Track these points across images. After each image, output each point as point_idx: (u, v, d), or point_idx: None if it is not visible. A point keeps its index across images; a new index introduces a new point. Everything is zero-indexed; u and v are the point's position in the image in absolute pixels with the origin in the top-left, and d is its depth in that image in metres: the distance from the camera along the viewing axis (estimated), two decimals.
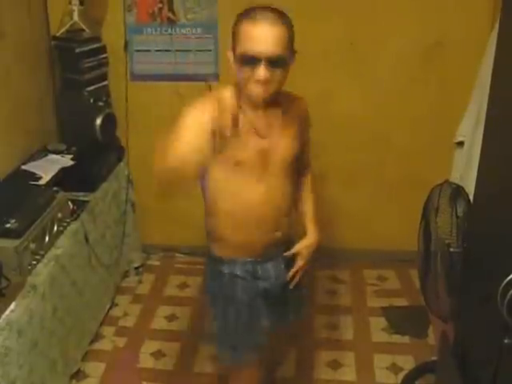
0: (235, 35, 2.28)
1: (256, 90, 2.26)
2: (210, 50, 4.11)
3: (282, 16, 2.25)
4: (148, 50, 4.17)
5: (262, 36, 2.19)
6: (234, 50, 2.30)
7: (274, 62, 2.20)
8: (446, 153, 3.94)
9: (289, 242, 2.68)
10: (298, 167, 2.64)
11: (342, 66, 4.05)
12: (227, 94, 2.27)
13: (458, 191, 2.77)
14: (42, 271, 2.98)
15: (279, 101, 2.43)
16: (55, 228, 3.18)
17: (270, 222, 2.52)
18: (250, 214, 2.48)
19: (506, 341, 1.85)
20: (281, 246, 2.62)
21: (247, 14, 2.25)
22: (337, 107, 4.12)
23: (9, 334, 2.58)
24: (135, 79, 4.22)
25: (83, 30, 3.95)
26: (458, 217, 2.70)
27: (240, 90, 2.34)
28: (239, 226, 2.51)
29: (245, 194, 2.46)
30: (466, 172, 3.54)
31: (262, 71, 2.19)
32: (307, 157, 2.75)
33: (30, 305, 2.78)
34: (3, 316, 2.61)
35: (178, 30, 4.11)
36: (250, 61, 2.20)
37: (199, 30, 4.09)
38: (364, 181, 4.32)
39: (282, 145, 2.45)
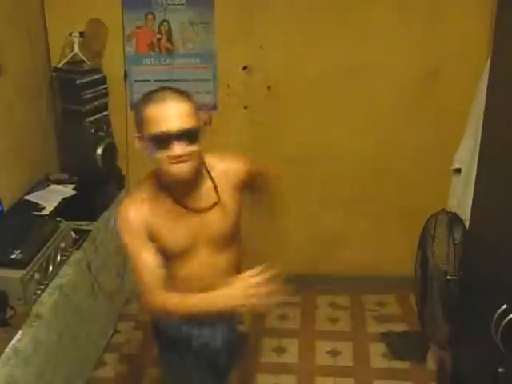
0: (141, 122, 2.19)
1: (177, 169, 2.19)
2: (209, 80, 4.17)
3: (183, 93, 2.22)
4: (147, 80, 4.22)
5: (170, 113, 2.14)
6: (141, 137, 2.21)
7: (187, 136, 2.16)
8: (445, 180, 3.98)
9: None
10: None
11: (339, 95, 4.10)
12: (144, 188, 2.34)
13: (454, 219, 2.82)
14: (47, 300, 3.02)
15: (206, 174, 2.37)
16: (59, 258, 3.22)
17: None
18: (187, 287, 2.34)
19: (500, 369, 1.89)
20: (222, 316, 2.45)
21: (148, 99, 2.19)
22: (335, 137, 4.18)
23: (16, 362, 2.62)
24: (135, 109, 4.26)
25: (83, 61, 4.02)
26: (455, 244, 2.74)
27: (159, 175, 2.30)
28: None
29: (182, 272, 2.40)
30: (463, 199, 3.59)
31: (177, 147, 2.14)
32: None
33: (35, 334, 2.82)
34: (10, 345, 2.65)
35: (176, 60, 4.18)
36: (163, 140, 2.14)
37: (198, 60, 4.16)
38: (364, 208, 4.36)
39: (217, 217, 2.36)
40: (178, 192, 2.31)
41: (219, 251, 2.42)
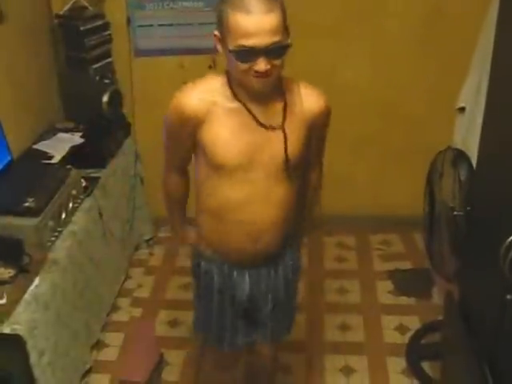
0: (225, 26, 2.00)
1: (257, 84, 2.06)
2: (212, 24, 4.13)
3: None
4: (151, 25, 4.20)
5: (258, 27, 1.94)
6: (223, 39, 2.05)
7: (273, 52, 1.98)
8: (451, 119, 3.99)
9: (278, 255, 2.46)
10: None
11: (344, 36, 4.09)
12: (211, 81, 2.20)
13: (460, 156, 2.85)
14: (61, 247, 3.08)
15: (281, 93, 2.22)
16: (71, 205, 3.26)
17: (254, 230, 2.29)
18: (230, 217, 2.28)
19: (508, 297, 1.95)
20: (267, 258, 2.41)
21: (235, 2, 1.97)
22: (342, 76, 4.17)
23: (36, 307, 2.69)
24: (139, 55, 4.26)
25: (86, 7, 3.99)
26: (460, 181, 2.78)
27: (232, 77, 2.15)
28: (219, 227, 2.33)
29: (226, 197, 2.25)
30: (467, 137, 3.60)
31: (262, 64, 1.98)
32: (318, 155, 2.54)
33: (53, 279, 2.88)
34: (29, 291, 2.71)
35: (179, 3, 4.14)
36: (248, 55, 1.98)
37: (201, 4, 4.13)
38: (370, 147, 4.37)
39: (278, 142, 2.19)
40: (248, 100, 2.16)
41: (275, 181, 2.24)
